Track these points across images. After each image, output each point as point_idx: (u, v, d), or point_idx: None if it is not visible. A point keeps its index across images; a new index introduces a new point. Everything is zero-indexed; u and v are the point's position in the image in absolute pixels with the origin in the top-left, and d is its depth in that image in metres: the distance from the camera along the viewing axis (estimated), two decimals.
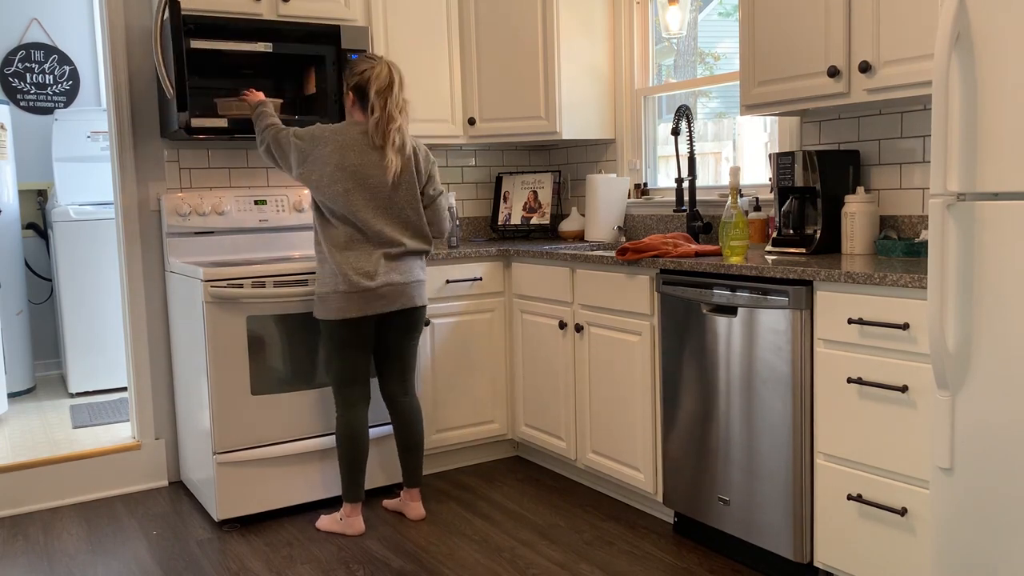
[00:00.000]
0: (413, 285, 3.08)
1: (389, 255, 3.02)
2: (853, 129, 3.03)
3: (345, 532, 3.10)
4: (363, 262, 2.97)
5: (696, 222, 3.51)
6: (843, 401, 2.37)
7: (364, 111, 3.03)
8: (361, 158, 2.96)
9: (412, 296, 3.08)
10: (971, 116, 1.87)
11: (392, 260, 3.03)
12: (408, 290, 3.06)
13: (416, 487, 3.26)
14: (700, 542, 2.96)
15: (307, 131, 3.02)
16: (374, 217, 2.98)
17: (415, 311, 3.13)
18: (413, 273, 3.08)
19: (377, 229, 2.98)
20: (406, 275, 3.05)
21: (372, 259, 2.98)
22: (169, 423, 3.72)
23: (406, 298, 3.06)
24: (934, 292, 1.92)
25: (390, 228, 3.02)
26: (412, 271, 3.08)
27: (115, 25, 3.53)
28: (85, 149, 5.20)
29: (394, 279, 3.02)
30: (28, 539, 3.17)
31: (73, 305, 4.99)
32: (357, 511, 3.12)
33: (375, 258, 2.99)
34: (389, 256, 3.02)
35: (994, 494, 1.87)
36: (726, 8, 4.16)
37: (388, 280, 3.00)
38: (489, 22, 3.95)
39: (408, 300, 3.06)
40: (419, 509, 3.25)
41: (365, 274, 2.96)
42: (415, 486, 3.26)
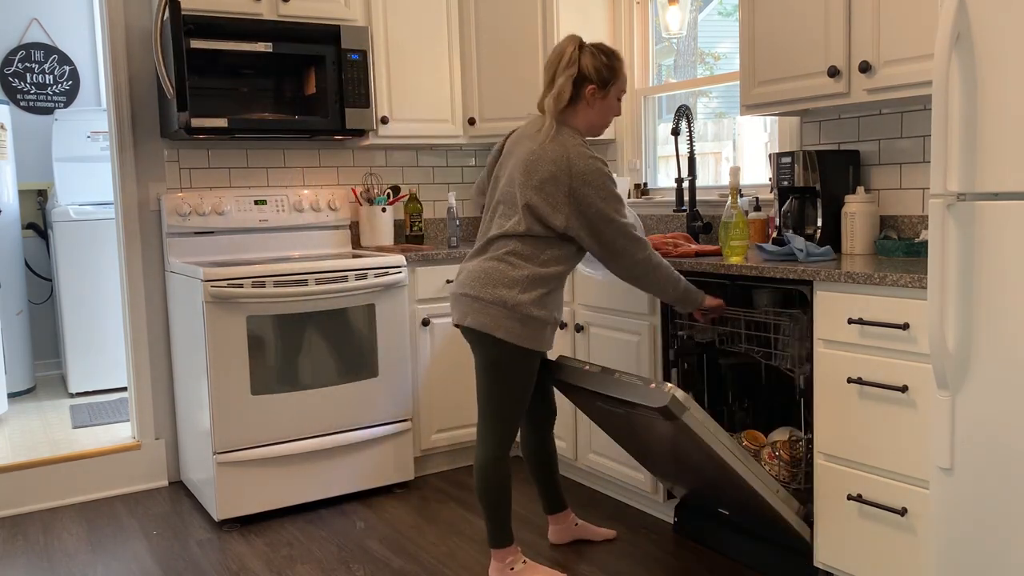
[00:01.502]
0: (468, 299, 2.57)
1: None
2: (853, 129, 3.02)
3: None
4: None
5: (696, 222, 3.51)
6: (843, 401, 2.37)
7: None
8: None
9: (465, 312, 2.59)
10: (971, 116, 1.87)
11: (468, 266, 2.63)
12: (463, 305, 2.59)
13: (493, 547, 2.68)
14: (700, 542, 2.96)
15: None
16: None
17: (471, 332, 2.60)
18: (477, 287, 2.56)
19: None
20: (468, 286, 2.58)
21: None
22: (169, 423, 3.72)
23: (459, 313, 2.62)
24: (934, 292, 1.91)
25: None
26: (478, 283, 2.56)
27: (115, 25, 3.53)
28: (85, 149, 5.20)
29: (459, 289, 2.62)
30: (28, 539, 3.17)
31: (73, 305, 4.99)
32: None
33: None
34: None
35: (994, 494, 1.87)
36: (726, 8, 4.16)
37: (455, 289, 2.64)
38: (489, 22, 3.95)
39: (460, 316, 2.61)
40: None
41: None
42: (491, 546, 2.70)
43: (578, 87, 2.54)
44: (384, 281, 3.41)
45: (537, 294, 2.50)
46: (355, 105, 3.64)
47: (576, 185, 2.45)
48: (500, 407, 2.58)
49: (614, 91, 2.59)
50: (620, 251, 2.49)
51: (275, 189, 3.81)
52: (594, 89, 2.54)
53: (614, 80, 2.57)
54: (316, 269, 3.28)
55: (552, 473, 2.91)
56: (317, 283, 3.27)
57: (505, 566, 2.64)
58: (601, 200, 2.45)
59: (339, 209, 3.89)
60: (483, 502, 2.64)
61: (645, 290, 2.57)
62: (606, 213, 2.45)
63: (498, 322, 2.49)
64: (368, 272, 3.38)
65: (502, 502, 2.62)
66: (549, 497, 2.93)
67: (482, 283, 2.52)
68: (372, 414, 3.44)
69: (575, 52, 2.54)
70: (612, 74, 2.57)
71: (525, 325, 2.50)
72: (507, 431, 2.60)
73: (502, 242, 2.55)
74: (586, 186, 2.44)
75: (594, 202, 2.45)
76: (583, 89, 2.54)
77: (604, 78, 2.55)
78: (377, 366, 3.44)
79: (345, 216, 3.92)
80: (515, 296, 2.48)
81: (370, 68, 3.69)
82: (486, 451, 2.60)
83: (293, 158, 3.93)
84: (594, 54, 2.54)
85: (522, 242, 2.52)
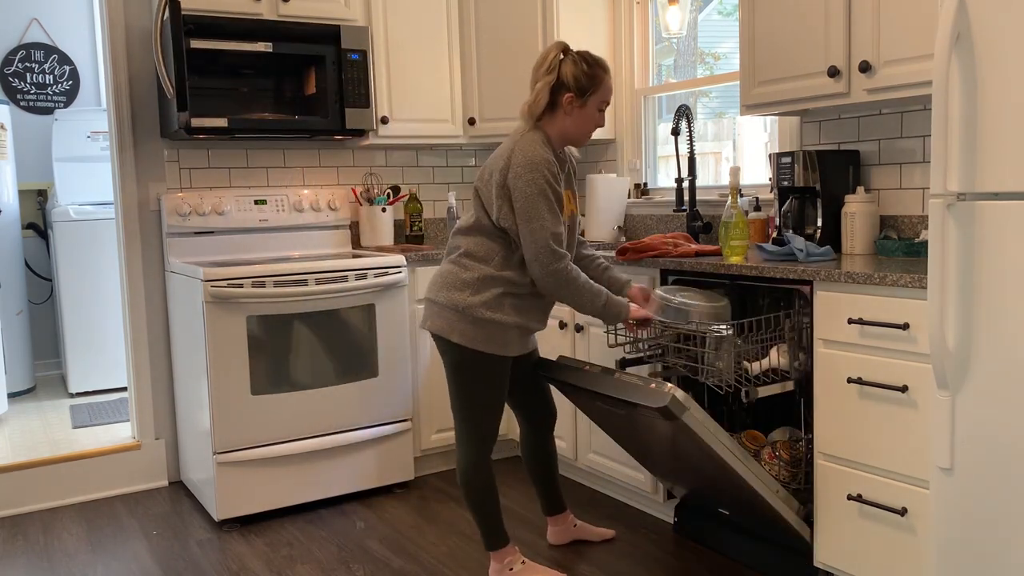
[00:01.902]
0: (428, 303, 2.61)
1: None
2: (853, 129, 3.02)
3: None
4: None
5: (696, 222, 3.51)
6: (843, 401, 2.37)
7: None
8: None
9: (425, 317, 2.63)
10: (971, 116, 1.87)
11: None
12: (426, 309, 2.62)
13: (489, 550, 2.67)
14: (700, 542, 2.95)
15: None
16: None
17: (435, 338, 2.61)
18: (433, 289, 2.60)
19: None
20: (429, 290, 2.62)
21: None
22: (169, 423, 3.72)
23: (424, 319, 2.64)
24: (934, 292, 1.91)
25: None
26: (435, 286, 2.59)
27: (115, 25, 3.53)
28: (85, 149, 5.20)
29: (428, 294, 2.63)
30: (28, 539, 3.17)
31: (73, 305, 4.99)
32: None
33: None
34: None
35: (994, 494, 1.87)
36: (726, 8, 4.16)
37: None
38: (489, 22, 3.95)
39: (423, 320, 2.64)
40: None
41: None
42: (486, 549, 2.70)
43: (555, 94, 2.49)
44: (384, 281, 3.41)
45: (490, 295, 2.48)
46: (355, 105, 3.64)
47: (510, 177, 2.43)
48: (470, 411, 2.57)
49: (593, 101, 2.52)
50: (532, 257, 2.43)
51: (275, 189, 3.81)
52: (572, 97, 2.49)
53: (594, 89, 2.50)
54: (316, 269, 3.28)
55: (552, 474, 2.91)
56: (317, 283, 3.27)
57: (504, 567, 2.63)
58: (524, 197, 2.41)
59: (339, 209, 3.89)
60: (470, 508, 2.64)
61: (562, 302, 2.52)
62: (525, 210, 2.42)
63: (452, 325, 2.50)
64: (368, 272, 3.38)
65: (488, 505, 2.62)
66: (548, 498, 2.93)
67: (438, 286, 2.55)
68: (372, 414, 3.44)
69: (556, 58, 2.50)
70: (592, 83, 2.50)
71: (479, 327, 2.48)
72: (480, 435, 2.58)
73: (458, 239, 2.58)
74: (517, 179, 2.42)
75: (519, 197, 2.42)
76: (560, 96, 2.50)
77: (583, 86, 2.49)
78: (377, 366, 3.44)
79: (345, 216, 3.92)
80: (465, 299, 2.48)
81: (370, 68, 3.69)
82: (464, 457, 2.60)
83: (293, 158, 3.93)
84: (576, 61, 2.49)
85: (476, 242, 2.52)
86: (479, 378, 2.54)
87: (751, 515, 2.62)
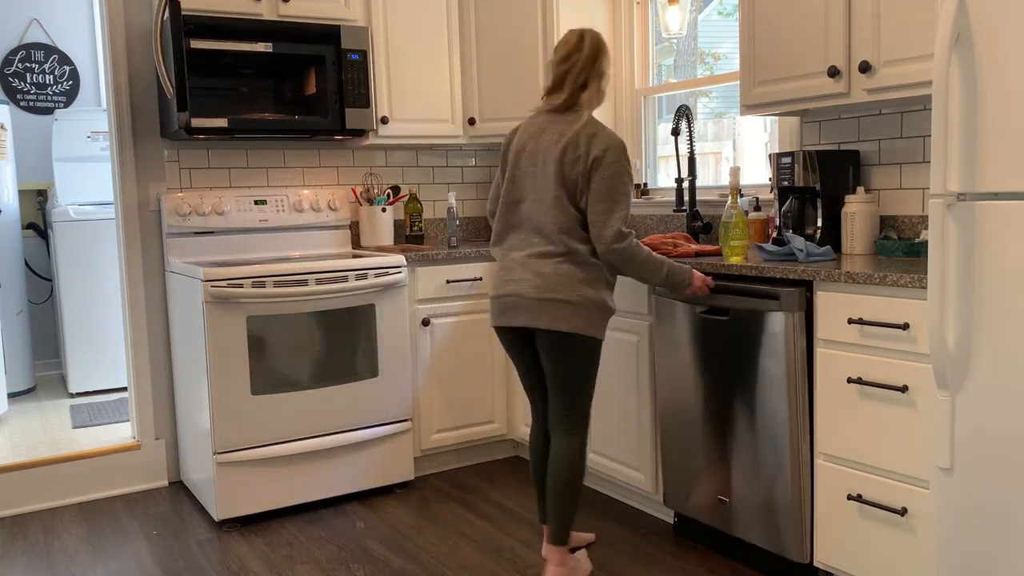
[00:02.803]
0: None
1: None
2: (853, 129, 3.02)
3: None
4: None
5: (696, 222, 3.51)
6: (843, 401, 2.37)
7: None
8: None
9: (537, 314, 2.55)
10: (971, 116, 1.87)
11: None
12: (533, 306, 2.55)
13: (553, 544, 2.60)
14: (700, 542, 2.96)
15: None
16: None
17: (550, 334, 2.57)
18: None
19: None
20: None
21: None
22: (169, 423, 3.72)
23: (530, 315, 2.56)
24: (934, 292, 1.91)
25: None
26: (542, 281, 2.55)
27: (115, 25, 3.53)
28: (85, 149, 5.20)
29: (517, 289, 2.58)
30: (28, 539, 3.17)
31: (73, 305, 4.99)
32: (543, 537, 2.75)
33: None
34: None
35: (994, 494, 1.87)
36: (726, 8, 4.16)
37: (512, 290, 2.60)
38: (489, 22, 3.95)
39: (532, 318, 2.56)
40: (551, 572, 2.59)
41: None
42: (551, 542, 2.61)
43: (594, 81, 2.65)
44: (384, 281, 3.41)
45: (603, 283, 2.60)
46: (355, 105, 3.64)
47: (605, 160, 2.52)
48: (590, 400, 2.64)
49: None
50: (612, 235, 2.53)
51: (275, 189, 3.81)
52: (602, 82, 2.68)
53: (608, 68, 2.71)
54: (316, 269, 3.28)
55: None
56: (317, 283, 3.27)
57: (570, 556, 2.64)
58: (613, 176, 2.53)
59: (339, 209, 3.89)
60: (571, 498, 2.56)
61: (629, 275, 2.60)
62: (612, 190, 2.52)
63: (593, 322, 2.56)
64: (368, 272, 3.38)
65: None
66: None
67: (563, 286, 2.55)
68: (372, 414, 3.44)
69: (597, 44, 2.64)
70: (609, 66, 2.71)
71: (606, 318, 2.60)
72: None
73: (551, 235, 2.57)
74: (611, 162, 2.52)
75: (608, 176, 2.53)
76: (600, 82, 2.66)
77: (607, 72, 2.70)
78: (377, 366, 3.44)
79: (345, 216, 3.92)
80: (600, 294, 2.59)
81: (370, 68, 3.69)
82: (582, 446, 2.60)
83: (293, 158, 3.93)
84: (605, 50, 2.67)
85: (573, 233, 2.58)
86: (597, 364, 2.62)
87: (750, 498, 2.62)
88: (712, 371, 2.75)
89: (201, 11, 3.34)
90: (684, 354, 2.86)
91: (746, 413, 2.65)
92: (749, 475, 2.66)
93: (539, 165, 2.56)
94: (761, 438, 2.61)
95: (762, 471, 2.61)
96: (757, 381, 2.60)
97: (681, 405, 2.90)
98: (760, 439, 2.61)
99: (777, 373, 2.53)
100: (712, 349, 2.75)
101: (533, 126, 2.64)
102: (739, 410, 2.67)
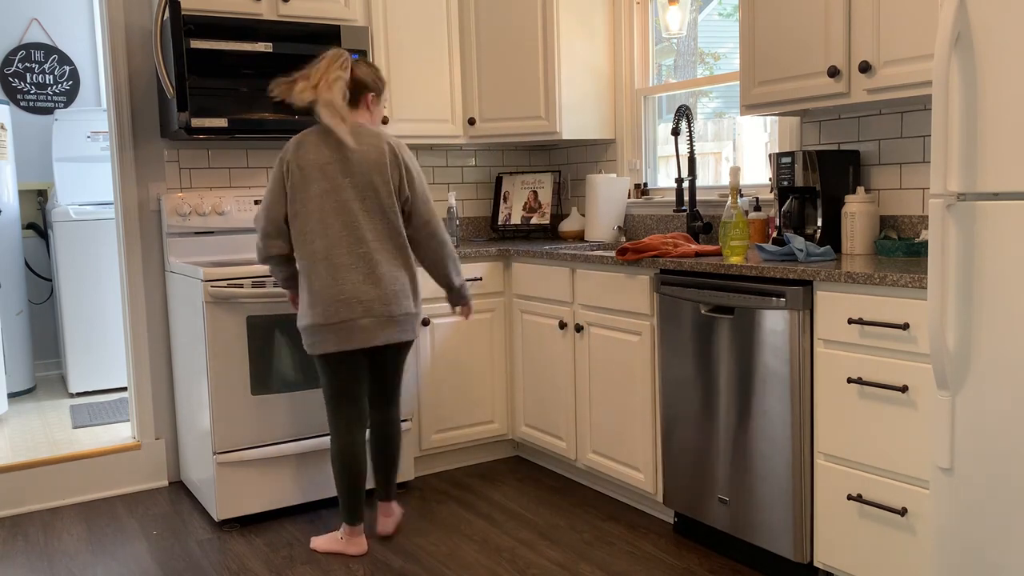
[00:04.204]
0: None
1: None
2: (853, 129, 3.03)
3: (347, 551, 2.92)
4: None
5: (696, 222, 3.51)
6: (843, 401, 2.37)
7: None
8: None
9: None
10: (971, 116, 1.87)
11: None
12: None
13: (390, 500, 3.07)
14: (700, 542, 2.96)
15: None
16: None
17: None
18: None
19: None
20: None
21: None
22: (169, 423, 3.72)
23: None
24: (934, 292, 1.92)
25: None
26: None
27: (115, 25, 3.53)
28: (85, 149, 5.20)
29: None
30: (28, 539, 3.17)
31: (73, 305, 4.99)
32: (359, 531, 2.95)
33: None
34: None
35: (994, 494, 1.87)
36: (726, 8, 4.16)
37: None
38: (489, 22, 3.95)
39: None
40: (387, 524, 3.06)
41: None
42: (389, 499, 3.07)
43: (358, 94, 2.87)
44: None
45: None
46: None
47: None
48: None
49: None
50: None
51: None
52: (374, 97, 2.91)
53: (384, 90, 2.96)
54: None
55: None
56: None
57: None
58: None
59: None
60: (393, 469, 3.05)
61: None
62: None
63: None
64: None
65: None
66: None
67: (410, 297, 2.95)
68: None
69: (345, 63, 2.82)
70: (384, 85, 2.95)
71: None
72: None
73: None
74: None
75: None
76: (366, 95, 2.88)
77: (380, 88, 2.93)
78: None
79: None
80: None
81: None
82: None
83: None
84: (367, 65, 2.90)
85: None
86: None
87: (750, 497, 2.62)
88: (714, 370, 2.76)
89: (201, 11, 3.34)
90: (687, 353, 2.86)
91: (747, 412, 2.65)
92: (750, 475, 2.66)
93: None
94: (762, 438, 2.61)
95: (763, 471, 2.61)
96: (759, 380, 2.60)
97: (683, 404, 2.90)
98: (761, 439, 2.61)
99: (780, 372, 2.53)
100: (715, 348, 2.75)
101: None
102: (740, 409, 2.67)
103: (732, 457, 2.72)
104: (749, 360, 2.63)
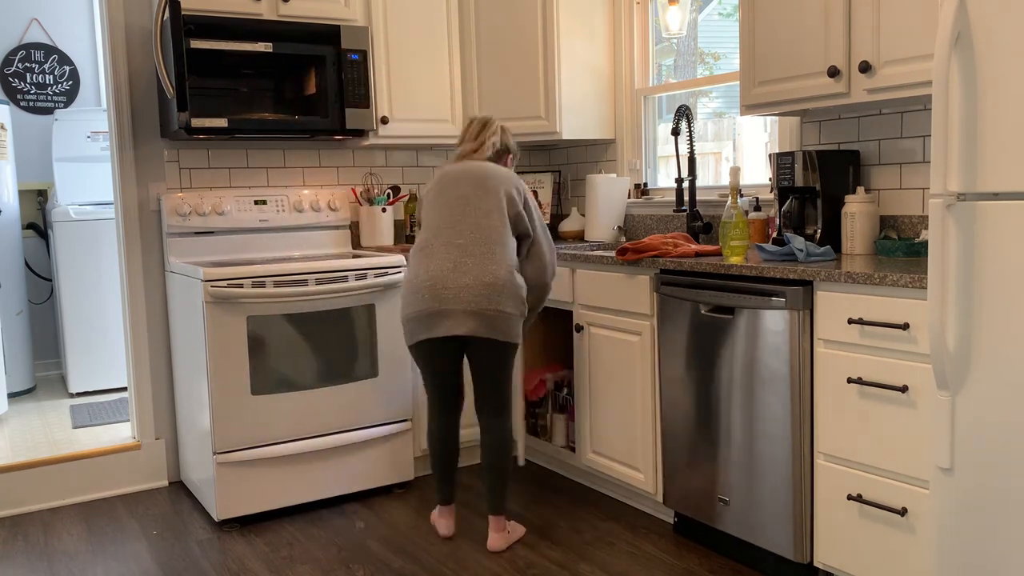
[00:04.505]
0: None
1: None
2: (853, 129, 3.02)
3: (436, 528, 3.10)
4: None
5: (696, 222, 3.51)
6: (843, 401, 2.37)
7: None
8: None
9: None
10: (971, 116, 1.87)
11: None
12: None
13: (493, 513, 2.98)
14: (700, 542, 2.96)
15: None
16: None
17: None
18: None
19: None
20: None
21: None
22: (169, 423, 3.72)
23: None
24: (934, 292, 1.92)
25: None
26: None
27: (115, 25, 3.53)
28: (85, 149, 5.20)
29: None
30: (28, 539, 3.17)
31: (73, 305, 4.99)
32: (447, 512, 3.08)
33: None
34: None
35: (994, 494, 1.87)
36: (726, 8, 4.16)
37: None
38: (489, 22, 3.95)
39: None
40: (493, 540, 2.95)
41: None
42: (491, 512, 2.98)
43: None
44: (384, 281, 3.41)
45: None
46: (355, 105, 3.64)
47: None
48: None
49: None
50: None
51: (275, 189, 3.81)
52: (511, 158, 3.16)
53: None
54: (316, 269, 3.28)
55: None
56: (317, 283, 3.27)
57: (506, 529, 2.99)
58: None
59: (339, 209, 3.89)
60: (507, 474, 3.01)
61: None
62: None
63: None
64: (368, 272, 3.38)
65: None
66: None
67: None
68: (372, 414, 3.44)
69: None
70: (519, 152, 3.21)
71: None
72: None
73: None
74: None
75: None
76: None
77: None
78: (377, 366, 3.44)
79: (345, 216, 3.92)
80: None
81: (370, 68, 3.69)
82: (511, 428, 3.04)
83: (293, 158, 3.93)
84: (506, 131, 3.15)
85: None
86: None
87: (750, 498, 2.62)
88: (714, 370, 2.76)
89: (201, 11, 3.34)
90: (687, 353, 2.86)
91: (747, 413, 2.65)
92: (750, 475, 2.66)
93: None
94: (762, 438, 2.61)
95: (763, 471, 2.61)
96: (760, 380, 2.60)
97: (683, 404, 2.90)
98: (761, 439, 2.61)
99: (780, 372, 2.53)
100: (715, 348, 2.75)
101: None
102: (740, 410, 2.67)
103: (732, 457, 2.72)
104: (749, 360, 2.63)
